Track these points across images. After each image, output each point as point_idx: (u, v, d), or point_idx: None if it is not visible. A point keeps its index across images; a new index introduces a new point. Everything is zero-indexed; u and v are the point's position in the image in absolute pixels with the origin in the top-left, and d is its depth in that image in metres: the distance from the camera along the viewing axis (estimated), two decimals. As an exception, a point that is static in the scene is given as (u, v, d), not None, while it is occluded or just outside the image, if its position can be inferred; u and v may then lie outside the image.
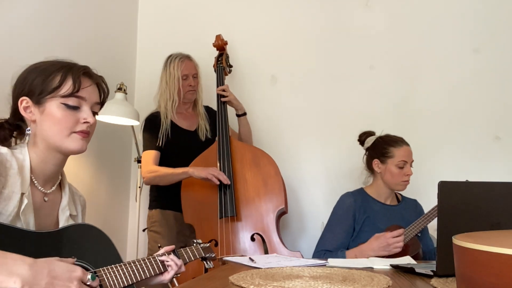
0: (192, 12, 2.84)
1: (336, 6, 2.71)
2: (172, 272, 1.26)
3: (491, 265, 0.58)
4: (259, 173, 2.14)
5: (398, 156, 1.93)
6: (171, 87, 2.26)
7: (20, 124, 1.15)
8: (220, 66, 2.40)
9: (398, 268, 1.30)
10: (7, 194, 1.02)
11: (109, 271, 1.09)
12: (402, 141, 1.98)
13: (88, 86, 1.14)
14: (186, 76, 2.28)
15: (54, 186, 1.18)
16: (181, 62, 2.28)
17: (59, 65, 1.13)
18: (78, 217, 1.26)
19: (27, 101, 1.11)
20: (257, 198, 2.11)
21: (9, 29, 1.81)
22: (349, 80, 2.65)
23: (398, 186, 1.94)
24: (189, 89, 2.29)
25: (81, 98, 1.12)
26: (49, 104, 1.10)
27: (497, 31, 2.55)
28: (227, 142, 2.20)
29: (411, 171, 1.94)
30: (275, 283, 1.02)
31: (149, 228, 2.28)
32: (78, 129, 1.12)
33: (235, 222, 2.07)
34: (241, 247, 2.03)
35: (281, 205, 2.09)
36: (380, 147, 1.99)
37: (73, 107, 1.11)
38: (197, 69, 2.33)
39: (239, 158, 2.18)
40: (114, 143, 2.61)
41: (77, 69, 1.13)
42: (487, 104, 2.51)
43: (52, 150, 1.12)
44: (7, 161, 1.05)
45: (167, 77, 2.28)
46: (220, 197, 2.09)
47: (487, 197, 1.13)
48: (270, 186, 2.12)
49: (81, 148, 1.13)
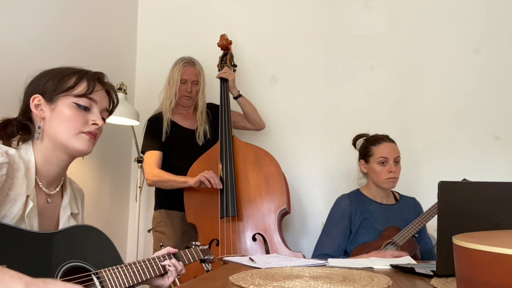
0: (192, 12, 2.83)
1: (336, 6, 2.71)
2: (172, 277, 1.27)
3: (491, 265, 0.58)
4: (261, 172, 2.14)
5: (377, 153, 1.94)
6: (171, 88, 2.30)
7: (28, 124, 1.16)
8: (224, 66, 2.39)
9: (398, 268, 1.30)
10: (13, 196, 1.02)
11: (110, 272, 1.09)
12: (384, 138, 1.98)
13: (100, 90, 1.18)
14: (185, 80, 2.31)
15: (57, 187, 1.18)
16: (183, 66, 2.31)
17: (75, 69, 1.17)
18: (79, 215, 1.26)
19: (39, 98, 1.13)
20: (259, 198, 2.10)
21: (9, 29, 1.81)
22: (349, 80, 2.65)
23: (384, 184, 1.93)
24: (185, 93, 2.31)
25: (93, 100, 1.15)
26: (61, 102, 1.12)
27: (497, 31, 2.55)
28: (229, 141, 2.20)
29: (395, 168, 1.92)
30: (275, 283, 1.03)
31: (154, 229, 2.29)
32: (86, 129, 1.14)
33: (236, 222, 2.07)
34: (242, 247, 2.03)
35: (283, 205, 2.09)
36: (364, 147, 2.02)
37: (84, 107, 1.14)
38: (198, 76, 2.34)
39: (242, 158, 2.18)
40: (114, 143, 2.61)
41: (93, 73, 1.18)
42: (487, 104, 2.51)
43: (58, 150, 1.13)
44: (15, 162, 1.05)
45: (169, 78, 2.33)
46: (221, 197, 2.09)
47: (487, 197, 1.13)
48: (272, 186, 2.11)
49: (87, 149, 1.14)
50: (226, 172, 2.12)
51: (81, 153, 1.15)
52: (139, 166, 2.49)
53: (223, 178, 2.13)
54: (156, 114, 2.33)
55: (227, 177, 2.12)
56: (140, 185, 2.52)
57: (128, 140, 2.73)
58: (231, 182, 2.11)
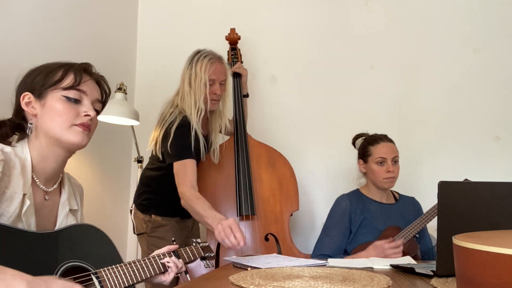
0: (192, 12, 2.83)
1: (336, 6, 2.71)
2: (172, 274, 1.26)
3: (491, 265, 0.58)
4: (275, 174, 2.13)
5: (376, 153, 1.94)
6: (197, 92, 1.93)
7: (22, 124, 1.16)
8: (236, 61, 2.33)
9: (398, 268, 1.30)
10: (9, 195, 1.02)
11: (110, 272, 1.09)
12: (382, 138, 1.99)
13: (88, 80, 1.17)
14: (213, 81, 1.96)
15: (55, 184, 1.18)
16: (211, 64, 1.95)
17: (61, 63, 1.16)
18: (78, 211, 1.25)
19: (29, 96, 1.12)
20: (272, 198, 2.09)
21: (9, 29, 1.81)
22: (349, 80, 2.65)
23: (383, 184, 1.93)
24: (212, 97, 1.96)
25: (82, 91, 1.14)
26: (50, 97, 1.11)
27: (497, 31, 2.55)
28: (245, 138, 2.15)
29: (393, 168, 1.92)
30: (275, 283, 1.02)
31: (149, 234, 2.01)
32: (79, 121, 1.12)
33: (249, 221, 2.04)
34: (254, 246, 2.00)
35: (295, 208, 2.09)
36: (362, 147, 2.02)
37: (74, 99, 1.13)
38: (226, 74, 2.02)
39: (255, 157, 2.15)
40: (114, 143, 2.61)
41: (79, 65, 1.17)
42: (487, 104, 2.51)
43: (53, 145, 1.12)
44: (11, 160, 1.04)
45: (191, 77, 1.95)
46: (239, 195, 2.04)
47: (487, 197, 1.13)
48: (285, 187, 2.11)
49: (81, 141, 1.13)
50: (242, 169, 2.07)
51: (75, 146, 1.13)
52: (139, 166, 2.49)
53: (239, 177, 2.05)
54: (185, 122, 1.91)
55: (244, 175, 2.07)
56: (140, 185, 2.51)
57: (128, 140, 2.73)
58: (248, 180, 2.06)
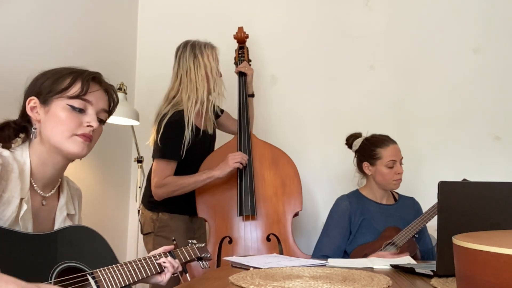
0: (192, 12, 2.83)
1: (336, 6, 2.71)
2: (168, 274, 1.25)
3: (491, 265, 0.58)
4: (278, 173, 2.10)
5: (386, 157, 1.92)
6: (211, 80, 1.94)
7: (27, 126, 1.15)
8: (242, 60, 2.31)
9: (398, 268, 1.30)
10: (6, 199, 1.02)
11: (106, 272, 1.08)
12: (388, 140, 1.97)
13: (96, 90, 1.15)
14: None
15: (53, 189, 1.17)
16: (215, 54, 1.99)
17: (71, 69, 1.15)
18: (76, 215, 1.25)
19: (35, 101, 1.11)
20: (275, 198, 2.07)
21: (9, 29, 1.81)
22: (349, 80, 2.65)
23: (391, 185, 1.94)
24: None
25: (88, 101, 1.13)
26: (54, 104, 1.10)
27: (497, 31, 2.55)
28: (249, 138, 2.13)
29: (402, 169, 1.93)
30: (275, 283, 1.02)
31: (155, 233, 2.01)
32: (80, 131, 1.11)
33: (251, 221, 2.02)
34: (255, 246, 1.99)
35: (298, 208, 2.06)
36: (368, 149, 1.98)
37: (78, 109, 1.11)
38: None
39: (259, 156, 2.13)
40: (114, 143, 2.61)
41: (88, 74, 1.15)
42: (487, 104, 2.51)
43: (53, 152, 1.12)
44: (9, 164, 1.04)
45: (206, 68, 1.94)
46: (240, 195, 2.03)
47: (487, 197, 1.13)
48: (288, 187, 2.08)
49: (80, 152, 1.12)
50: (244, 169, 2.04)
51: (75, 156, 1.13)
52: (139, 166, 2.49)
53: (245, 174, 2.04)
54: (178, 115, 1.91)
55: (246, 174, 2.05)
56: (140, 185, 2.51)
57: (128, 140, 2.73)
58: (250, 180, 2.05)
